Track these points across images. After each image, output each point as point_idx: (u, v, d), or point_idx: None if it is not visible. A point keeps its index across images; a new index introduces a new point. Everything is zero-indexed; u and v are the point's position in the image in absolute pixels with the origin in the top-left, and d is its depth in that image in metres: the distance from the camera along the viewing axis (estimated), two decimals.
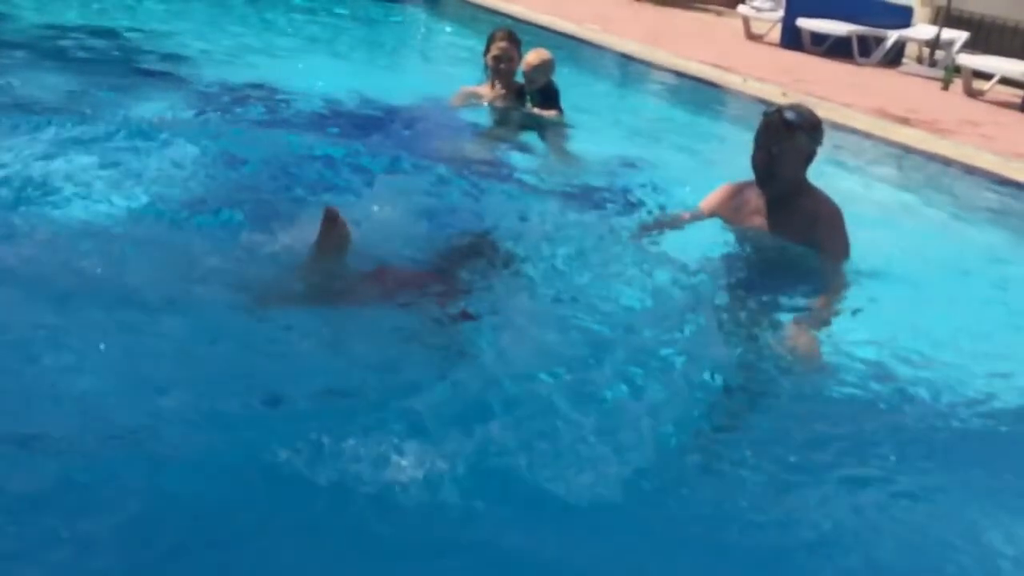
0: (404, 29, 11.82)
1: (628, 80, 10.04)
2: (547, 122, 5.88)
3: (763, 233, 4.12)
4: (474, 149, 5.50)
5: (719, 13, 16.91)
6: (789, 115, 3.94)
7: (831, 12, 12.34)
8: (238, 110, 6.01)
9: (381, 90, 6.67)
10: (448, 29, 11.76)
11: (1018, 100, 10.34)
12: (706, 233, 4.24)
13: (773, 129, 3.94)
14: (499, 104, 5.93)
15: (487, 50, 5.92)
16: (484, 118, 5.94)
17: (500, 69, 5.86)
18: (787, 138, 3.92)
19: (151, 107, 5.70)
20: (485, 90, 6.00)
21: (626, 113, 7.90)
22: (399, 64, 9.46)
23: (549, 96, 5.92)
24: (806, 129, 3.96)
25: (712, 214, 4.30)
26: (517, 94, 5.92)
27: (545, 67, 5.88)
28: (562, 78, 6.12)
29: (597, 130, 6.49)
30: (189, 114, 5.76)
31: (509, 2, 12.70)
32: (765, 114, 4.04)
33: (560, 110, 5.95)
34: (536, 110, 5.88)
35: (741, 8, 14.03)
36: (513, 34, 5.99)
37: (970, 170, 6.98)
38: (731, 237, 4.20)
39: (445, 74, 7.98)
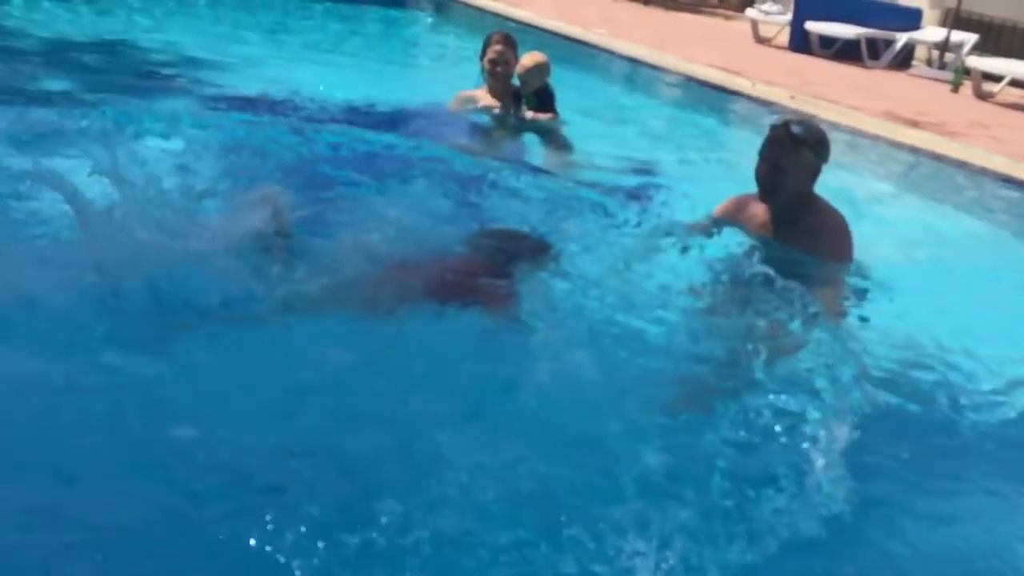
0: (410, 34, 11.82)
1: (636, 84, 10.00)
2: (542, 125, 5.82)
3: (771, 243, 4.06)
4: (472, 153, 5.44)
5: (727, 17, 16.88)
6: (796, 130, 3.88)
7: (840, 15, 12.26)
8: (246, 116, 5.99)
9: (383, 95, 6.65)
10: (455, 34, 11.75)
11: None
12: (719, 242, 4.18)
13: (779, 143, 3.89)
14: (495, 108, 5.87)
15: (483, 53, 5.86)
16: (481, 122, 5.88)
17: (496, 72, 5.80)
18: (792, 153, 3.86)
19: (161, 112, 5.69)
20: (481, 94, 5.94)
21: (634, 117, 7.86)
22: (405, 69, 9.45)
23: (545, 99, 5.85)
24: (812, 145, 3.90)
25: (723, 224, 4.24)
26: (513, 97, 5.85)
27: (540, 70, 5.80)
28: (569, 82, 6.08)
29: (604, 134, 6.47)
30: (199, 120, 5.73)
31: (516, 7, 12.68)
32: (772, 127, 3.97)
33: (556, 113, 5.89)
34: (531, 113, 5.81)
35: (749, 12, 14.00)
36: (509, 37, 5.92)
37: (980, 172, 6.93)
38: (743, 247, 4.14)
39: (451, 79, 7.95)
